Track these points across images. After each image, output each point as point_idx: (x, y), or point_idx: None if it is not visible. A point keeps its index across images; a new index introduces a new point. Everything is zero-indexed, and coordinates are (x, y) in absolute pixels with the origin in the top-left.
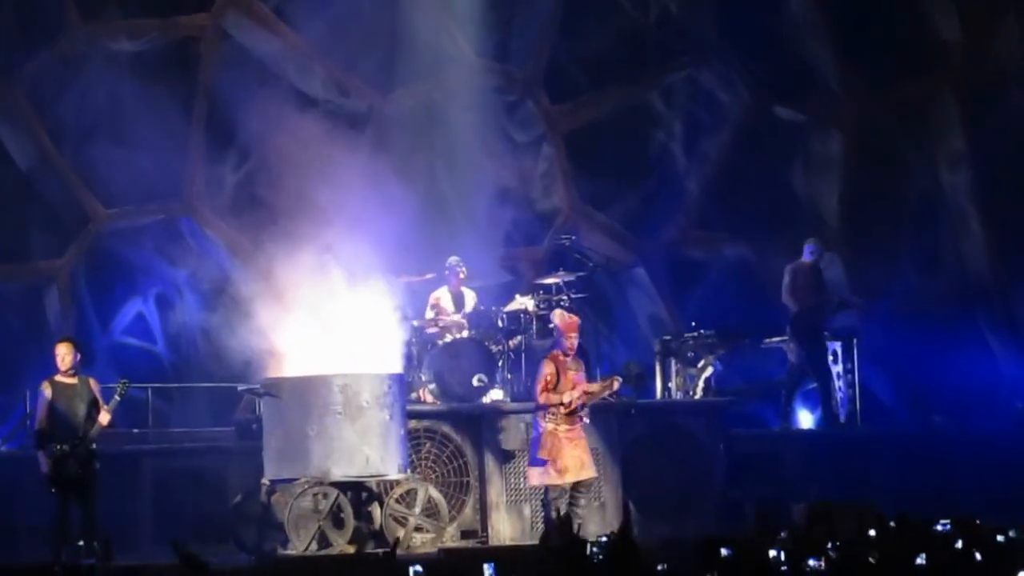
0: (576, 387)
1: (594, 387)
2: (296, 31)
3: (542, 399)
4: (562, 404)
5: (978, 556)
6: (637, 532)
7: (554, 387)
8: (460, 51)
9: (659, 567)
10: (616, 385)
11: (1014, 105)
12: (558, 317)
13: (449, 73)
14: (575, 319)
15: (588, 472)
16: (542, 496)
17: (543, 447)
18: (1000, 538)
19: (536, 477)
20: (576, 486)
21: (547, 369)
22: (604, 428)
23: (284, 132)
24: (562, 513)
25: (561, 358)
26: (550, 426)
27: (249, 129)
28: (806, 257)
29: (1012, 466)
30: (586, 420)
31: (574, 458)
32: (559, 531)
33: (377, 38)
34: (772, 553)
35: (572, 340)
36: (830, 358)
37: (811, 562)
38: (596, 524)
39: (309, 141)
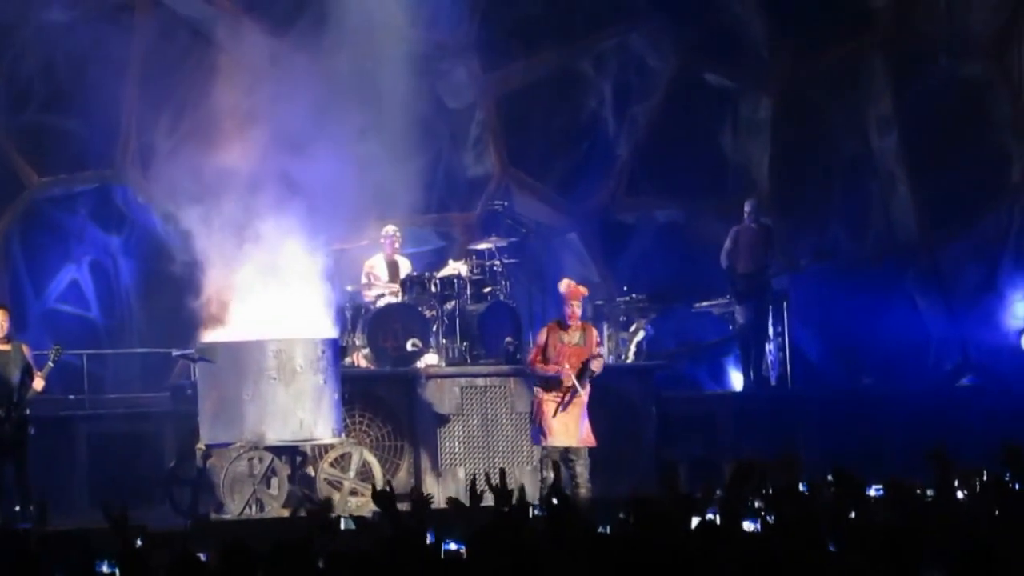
0: (563, 360)
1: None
2: None
3: (528, 368)
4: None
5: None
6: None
7: (543, 355)
8: (391, 17)
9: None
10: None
11: (941, 69)
12: (563, 285)
13: (380, 40)
14: (578, 289)
15: (572, 440)
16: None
17: (533, 410)
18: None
19: (533, 437)
20: (567, 452)
21: (539, 337)
22: None
23: (216, 98)
24: (551, 475)
25: (558, 328)
26: (537, 389)
27: (181, 96)
28: (748, 218)
29: (940, 426)
30: (580, 390)
31: (561, 423)
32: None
33: (307, 2)
34: (709, 516)
35: (570, 308)
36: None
37: (747, 524)
38: (531, 486)
39: (241, 107)
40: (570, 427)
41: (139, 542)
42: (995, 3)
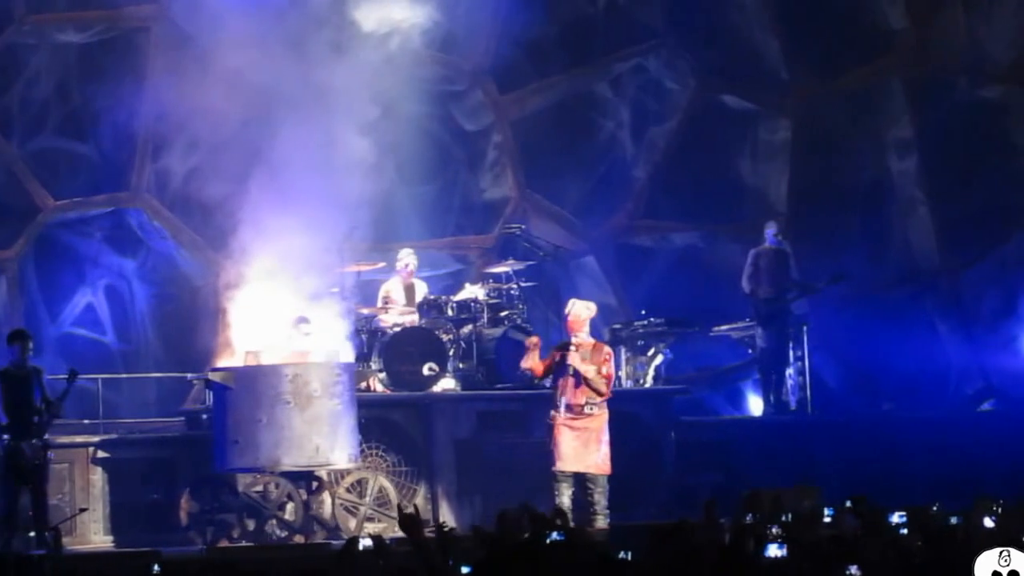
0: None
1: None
2: (241, 18)
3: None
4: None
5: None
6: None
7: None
8: (407, 41)
9: (620, 555)
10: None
11: (960, 92)
12: (570, 309)
13: (396, 63)
14: (577, 320)
15: (581, 465)
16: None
17: (548, 433)
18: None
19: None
20: (584, 479)
21: (551, 352)
22: None
23: (231, 123)
24: (564, 500)
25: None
26: (552, 413)
27: (196, 119)
28: (768, 241)
29: (961, 452)
30: (588, 411)
31: (570, 448)
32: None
33: (323, 23)
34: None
35: (575, 337)
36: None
37: (773, 549)
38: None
39: (256, 132)
40: (581, 453)
41: (155, 568)
42: (1015, 26)
